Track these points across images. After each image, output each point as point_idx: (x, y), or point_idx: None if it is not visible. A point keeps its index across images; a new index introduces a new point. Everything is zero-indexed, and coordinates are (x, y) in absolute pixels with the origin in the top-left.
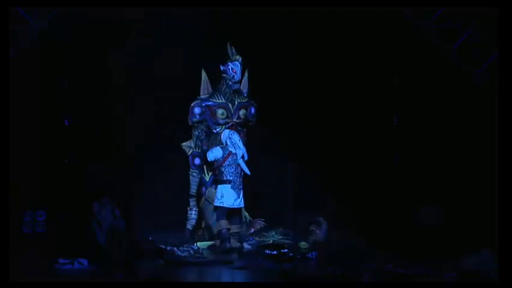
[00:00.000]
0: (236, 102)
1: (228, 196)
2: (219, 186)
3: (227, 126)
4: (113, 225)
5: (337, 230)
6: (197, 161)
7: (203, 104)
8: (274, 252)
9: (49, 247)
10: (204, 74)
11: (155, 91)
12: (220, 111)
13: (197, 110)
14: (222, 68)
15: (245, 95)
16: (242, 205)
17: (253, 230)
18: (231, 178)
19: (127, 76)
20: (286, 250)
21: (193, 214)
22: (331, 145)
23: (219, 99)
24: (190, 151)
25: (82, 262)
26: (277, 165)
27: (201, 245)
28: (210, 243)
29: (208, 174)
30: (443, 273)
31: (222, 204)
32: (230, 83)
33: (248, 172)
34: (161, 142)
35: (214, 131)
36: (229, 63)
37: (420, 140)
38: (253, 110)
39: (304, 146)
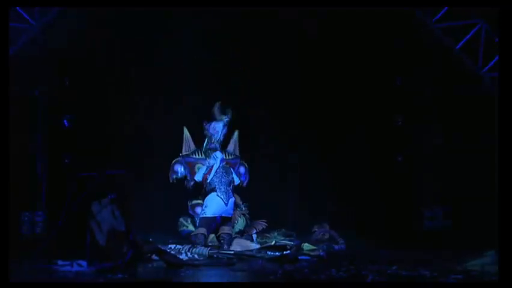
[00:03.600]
0: None
1: (211, 205)
2: (206, 198)
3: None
4: (113, 226)
5: (340, 230)
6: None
7: (183, 161)
8: (277, 253)
9: (48, 248)
10: (185, 131)
11: (155, 91)
12: (198, 166)
13: (176, 167)
14: (204, 125)
15: (231, 154)
16: (227, 214)
17: (255, 231)
18: (216, 186)
19: (128, 76)
20: (288, 251)
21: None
22: (334, 145)
23: (198, 156)
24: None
25: (81, 264)
26: (279, 165)
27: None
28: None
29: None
30: (448, 275)
31: (204, 215)
32: (209, 141)
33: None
34: (162, 142)
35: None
36: (213, 122)
37: (424, 140)
38: (242, 170)
39: (307, 145)
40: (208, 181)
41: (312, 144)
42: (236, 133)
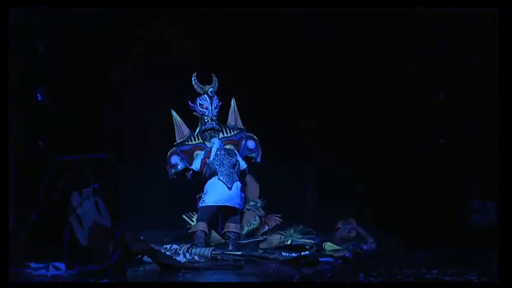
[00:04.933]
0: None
1: (212, 191)
2: (206, 184)
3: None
4: (96, 221)
5: (370, 228)
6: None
7: (178, 151)
8: (293, 254)
9: (18, 248)
10: (174, 115)
11: (149, 77)
12: (196, 153)
13: (173, 160)
14: (190, 106)
15: (233, 129)
16: (233, 203)
17: (267, 227)
18: (217, 168)
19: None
20: (307, 252)
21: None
22: (361, 125)
23: (194, 141)
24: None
25: (59, 266)
26: (297, 152)
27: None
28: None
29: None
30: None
31: (203, 203)
32: (203, 122)
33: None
34: (156, 123)
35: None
36: (197, 99)
37: (474, 118)
38: (251, 144)
39: (330, 131)
40: (208, 164)
41: (339, 124)
42: (233, 101)
